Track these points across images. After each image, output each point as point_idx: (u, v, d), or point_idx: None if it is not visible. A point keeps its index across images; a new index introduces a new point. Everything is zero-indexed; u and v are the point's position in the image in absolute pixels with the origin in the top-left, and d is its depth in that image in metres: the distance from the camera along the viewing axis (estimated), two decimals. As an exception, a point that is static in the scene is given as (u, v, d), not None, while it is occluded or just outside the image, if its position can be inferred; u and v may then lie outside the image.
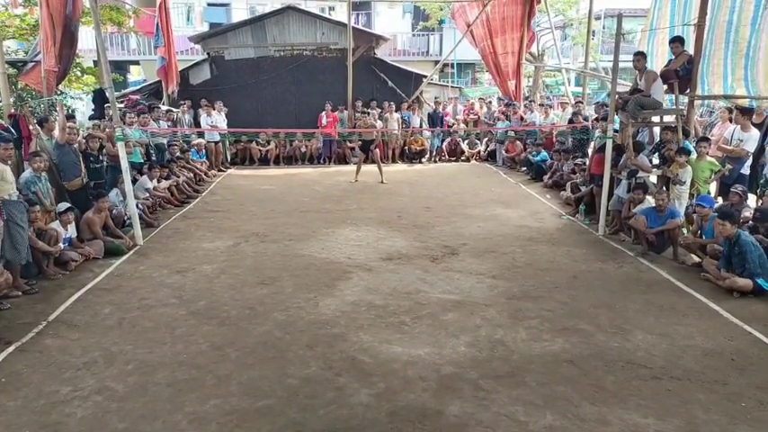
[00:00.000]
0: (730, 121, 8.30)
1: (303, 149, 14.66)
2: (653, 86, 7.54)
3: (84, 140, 8.14)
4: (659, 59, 8.83)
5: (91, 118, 10.09)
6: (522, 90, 16.23)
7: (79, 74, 12.97)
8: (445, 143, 15.09)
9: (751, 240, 5.65)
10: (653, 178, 7.98)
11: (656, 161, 8.01)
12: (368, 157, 12.19)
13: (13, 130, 7.31)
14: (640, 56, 7.94)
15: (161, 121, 11.81)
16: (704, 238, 6.47)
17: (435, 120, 14.98)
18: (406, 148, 14.84)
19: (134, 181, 8.65)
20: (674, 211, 6.83)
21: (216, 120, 13.25)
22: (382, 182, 11.70)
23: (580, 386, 4.01)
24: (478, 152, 15.15)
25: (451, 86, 18.07)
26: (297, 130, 14.48)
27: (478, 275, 6.27)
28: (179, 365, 4.32)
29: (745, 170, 7.86)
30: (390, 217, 8.90)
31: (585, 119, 11.22)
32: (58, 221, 6.59)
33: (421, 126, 14.99)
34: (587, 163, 9.57)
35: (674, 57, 7.73)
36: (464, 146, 15.16)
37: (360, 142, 12.87)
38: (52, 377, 4.15)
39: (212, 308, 5.41)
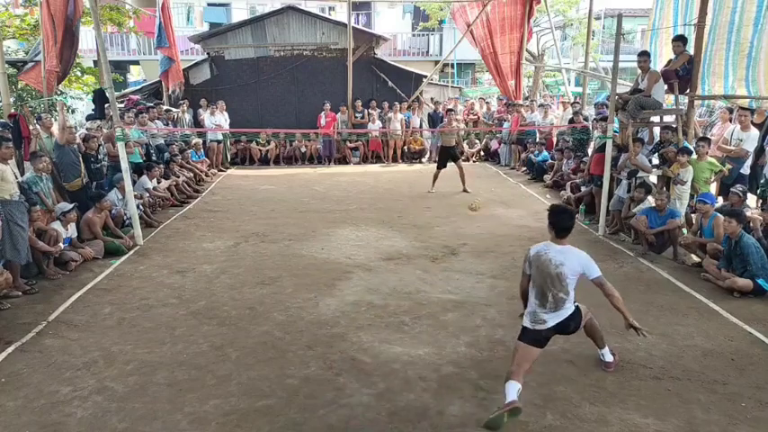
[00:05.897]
0: (730, 122, 8.30)
1: (303, 149, 14.66)
2: (654, 87, 7.52)
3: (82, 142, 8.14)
4: (662, 59, 8.81)
5: (91, 118, 10.09)
6: (522, 90, 16.22)
7: (79, 74, 12.99)
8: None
9: (753, 242, 5.65)
10: (653, 178, 7.98)
11: (656, 161, 8.00)
12: (443, 165, 10.69)
13: (10, 125, 7.32)
14: (645, 56, 7.76)
15: (157, 121, 11.79)
16: (703, 237, 6.47)
17: (435, 120, 14.98)
18: (406, 147, 14.85)
19: (133, 181, 8.64)
20: (674, 211, 6.83)
21: (219, 120, 13.30)
22: (465, 190, 10.69)
23: (580, 386, 4.01)
24: (478, 152, 15.15)
25: (452, 86, 18.05)
26: (297, 130, 14.48)
27: (478, 275, 6.27)
28: (179, 365, 4.32)
29: (745, 170, 7.85)
30: (390, 217, 8.90)
31: (586, 119, 11.21)
32: (58, 221, 6.59)
33: (421, 126, 14.99)
34: (587, 161, 9.55)
35: (675, 56, 7.71)
36: (464, 145, 15.14)
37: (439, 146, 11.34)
38: (52, 377, 4.15)
39: (212, 308, 5.41)
